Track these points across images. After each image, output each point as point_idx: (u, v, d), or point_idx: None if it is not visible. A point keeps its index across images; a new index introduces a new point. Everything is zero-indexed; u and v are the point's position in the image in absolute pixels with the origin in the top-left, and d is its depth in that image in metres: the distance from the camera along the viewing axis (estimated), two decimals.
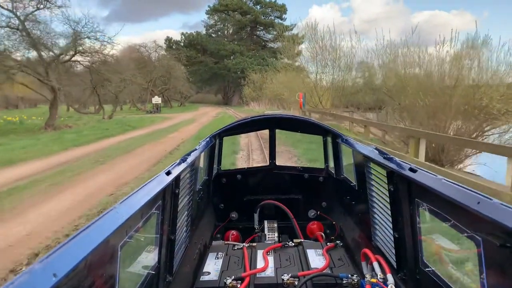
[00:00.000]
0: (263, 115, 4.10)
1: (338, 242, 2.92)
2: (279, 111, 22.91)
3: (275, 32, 72.62)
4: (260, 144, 14.99)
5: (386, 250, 2.27)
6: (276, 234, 3.32)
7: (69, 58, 25.87)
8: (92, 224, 1.09)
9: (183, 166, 2.16)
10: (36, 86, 25.54)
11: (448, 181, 1.48)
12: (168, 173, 1.91)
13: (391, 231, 2.11)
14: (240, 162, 11.20)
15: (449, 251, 2.44)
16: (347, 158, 3.26)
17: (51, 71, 23.07)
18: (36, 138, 18.25)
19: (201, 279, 2.37)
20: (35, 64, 23.36)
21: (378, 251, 2.37)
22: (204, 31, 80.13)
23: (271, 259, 2.57)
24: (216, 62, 73.07)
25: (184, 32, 78.94)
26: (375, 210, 2.43)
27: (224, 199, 3.76)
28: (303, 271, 2.38)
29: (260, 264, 2.50)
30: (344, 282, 2.18)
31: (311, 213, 3.70)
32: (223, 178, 3.81)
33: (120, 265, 1.29)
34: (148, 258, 1.81)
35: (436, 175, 1.59)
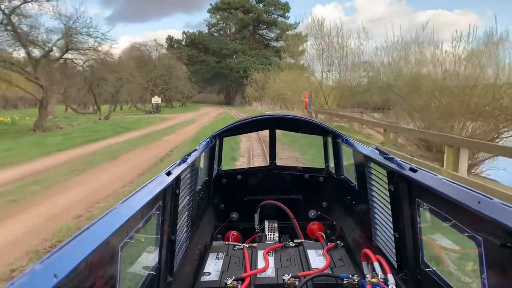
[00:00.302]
0: (263, 115, 4.09)
1: (339, 242, 2.91)
2: (280, 111, 22.77)
3: (278, 31, 71.42)
4: (263, 149, 13.45)
5: (386, 250, 2.26)
6: (277, 234, 3.31)
7: (60, 56, 24.54)
8: (92, 224, 1.08)
9: (184, 166, 2.17)
10: (30, 86, 24.28)
11: (448, 181, 1.49)
12: (169, 173, 1.91)
13: (392, 231, 2.09)
14: None
15: (449, 251, 2.55)
16: (348, 158, 3.24)
17: (40, 69, 21.73)
18: (18, 141, 16.71)
19: (201, 279, 2.37)
20: (22, 62, 22.13)
21: (378, 251, 2.36)
22: (206, 30, 78.93)
23: (271, 259, 2.57)
24: (218, 62, 71.89)
25: (186, 31, 77.76)
26: (376, 210, 2.42)
27: (225, 200, 3.75)
28: (303, 271, 2.38)
29: (260, 264, 2.50)
30: (344, 282, 2.17)
31: (312, 213, 3.69)
32: (224, 178, 3.80)
33: (121, 265, 1.30)
34: (149, 258, 1.82)
35: (437, 175, 1.59)
